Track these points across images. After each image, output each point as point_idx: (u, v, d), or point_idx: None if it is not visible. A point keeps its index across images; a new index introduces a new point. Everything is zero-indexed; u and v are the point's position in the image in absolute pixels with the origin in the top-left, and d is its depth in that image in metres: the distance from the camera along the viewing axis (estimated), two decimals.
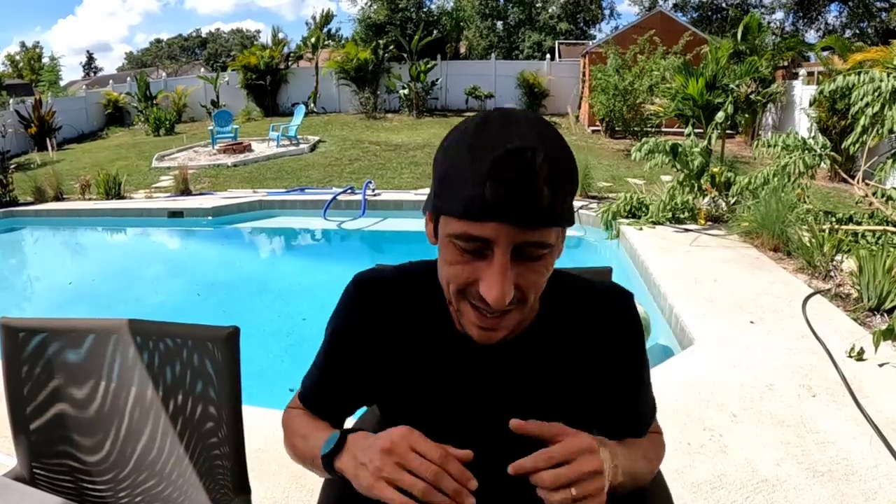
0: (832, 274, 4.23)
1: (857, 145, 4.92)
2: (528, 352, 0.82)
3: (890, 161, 4.77)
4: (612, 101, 12.48)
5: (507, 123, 0.66)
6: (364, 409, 1.17)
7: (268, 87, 19.21)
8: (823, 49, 11.00)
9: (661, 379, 2.83)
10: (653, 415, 0.93)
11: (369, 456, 0.68)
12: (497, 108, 0.72)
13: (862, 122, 4.69)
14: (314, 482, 2.26)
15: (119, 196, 8.67)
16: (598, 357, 0.84)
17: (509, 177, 0.62)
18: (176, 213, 7.69)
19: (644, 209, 5.98)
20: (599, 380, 0.84)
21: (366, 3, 24.09)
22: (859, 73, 4.79)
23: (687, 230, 5.59)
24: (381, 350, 0.86)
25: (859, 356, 2.98)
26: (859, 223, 4.91)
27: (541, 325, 0.83)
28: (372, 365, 0.87)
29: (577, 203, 6.93)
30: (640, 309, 3.51)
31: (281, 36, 20.71)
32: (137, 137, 16.43)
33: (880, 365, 2.91)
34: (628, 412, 0.89)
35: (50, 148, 13.41)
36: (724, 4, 26.56)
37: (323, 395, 0.92)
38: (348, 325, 0.89)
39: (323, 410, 0.92)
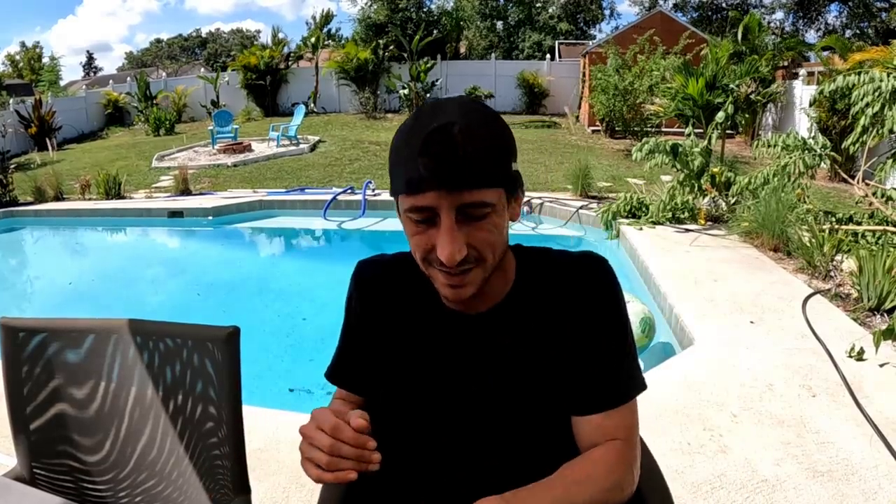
0: (832, 274, 4.22)
1: (857, 145, 4.92)
2: (506, 322, 0.87)
3: (890, 161, 4.77)
4: (612, 101, 12.47)
5: (435, 109, 0.76)
6: None
7: (268, 87, 19.22)
8: (823, 49, 11.01)
9: (661, 379, 2.83)
10: (633, 388, 0.88)
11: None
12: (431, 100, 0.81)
13: (862, 122, 4.69)
14: (314, 482, 2.26)
15: (119, 196, 8.66)
16: (576, 323, 0.86)
17: (436, 150, 0.72)
18: (176, 213, 7.69)
19: (644, 209, 5.98)
20: (578, 345, 0.86)
21: (366, 3, 24.10)
22: (859, 73, 4.79)
23: (687, 230, 5.59)
24: (378, 326, 0.96)
25: (859, 356, 2.98)
26: (859, 223, 4.90)
27: (518, 296, 0.89)
28: (374, 340, 0.96)
29: (576, 203, 6.94)
30: (643, 308, 3.54)
31: (281, 36, 20.72)
32: (137, 137, 16.43)
33: (880, 365, 2.91)
34: (602, 376, 0.86)
35: (50, 148, 13.41)
36: (724, 4, 26.56)
37: (341, 367, 1.02)
38: (352, 303, 1.00)
39: (345, 382, 1.01)
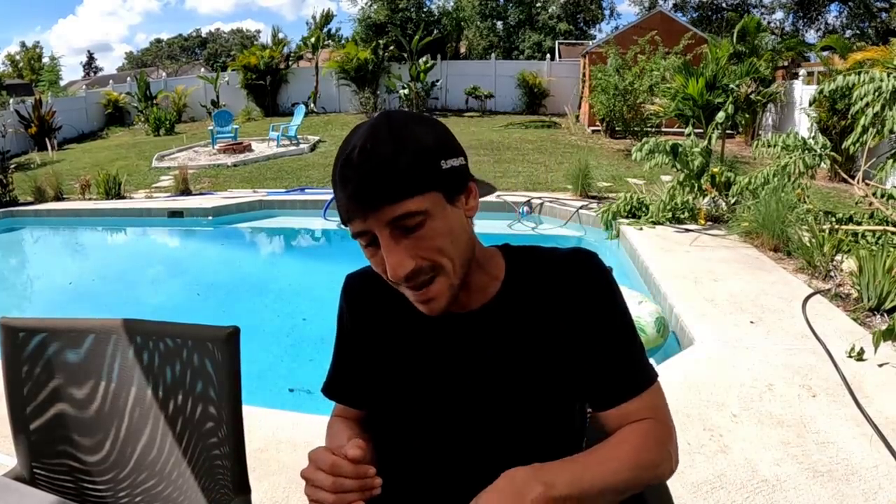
0: (832, 274, 4.22)
1: (857, 145, 4.92)
2: (498, 319, 0.87)
3: (890, 161, 4.76)
4: (612, 101, 12.47)
5: (349, 137, 0.78)
6: None
7: (268, 87, 19.22)
8: (823, 49, 11.00)
9: (662, 379, 2.80)
10: (650, 372, 0.88)
11: None
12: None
13: (862, 121, 4.69)
14: None
15: (119, 196, 8.67)
16: (573, 318, 0.85)
17: (346, 178, 0.75)
18: (176, 213, 7.69)
19: (644, 209, 5.98)
20: (576, 341, 0.85)
21: (366, 3, 24.10)
22: (859, 73, 4.79)
23: (687, 230, 5.59)
24: (371, 337, 0.95)
25: (859, 356, 2.98)
26: (859, 223, 4.90)
27: (509, 293, 0.88)
28: (368, 351, 0.95)
29: (576, 203, 6.93)
30: (657, 308, 3.55)
31: (281, 36, 20.72)
32: (137, 137, 16.43)
33: (880, 365, 2.91)
34: (610, 365, 0.85)
35: (50, 148, 13.41)
36: (724, 4, 26.56)
37: (338, 383, 1.02)
38: (343, 318, 1.00)
39: (342, 397, 1.01)
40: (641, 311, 3.48)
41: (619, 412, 0.85)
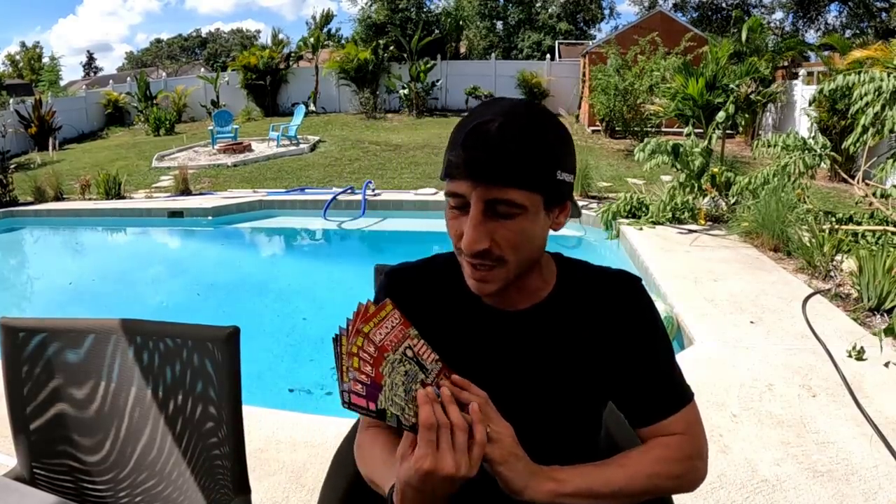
0: (832, 274, 4.22)
1: (857, 145, 4.92)
2: (545, 321, 0.90)
3: (890, 161, 4.76)
4: (612, 101, 12.48)
5: (489, 104, 0.80)
6: None
7: (268, 87, 19.20)
8: (823, 48, 11.00)
9: None
10: (687, 391, 0.94)
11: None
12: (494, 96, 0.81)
13: (862, 121, 4.69)
14: (314, 482, 2.26)
15: (119, 196, 8.67)
16: (615, 334, 0.90)
17: (472, 143, 0.76)
18: (176, 213, 7.69)
19: (644, 209, 5.98)
20: (617, 356, 0.90)
21: (366, 3, 24.08)
22: (859, 73, 4.79)
23: (687, 230, 5.59)
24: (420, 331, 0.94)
25: (859, 356, 2.98)
26: (859, 223, 4.90)
27: (558, 298, 0.92)
28: None
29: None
30: (665, 307, 3.53)
31: (281, 36, 20.72)
32: (137, 137, 16.42)
33: (880, 365, 2.91)
34: (650, 390, 0.92)
35: (52, 147, 13.41)
36: (724, 4, 26.56)
37: None
38: None
39: None
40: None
41: (655, 427, 0.91)
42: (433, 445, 0.70)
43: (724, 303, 3.78)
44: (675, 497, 1.01)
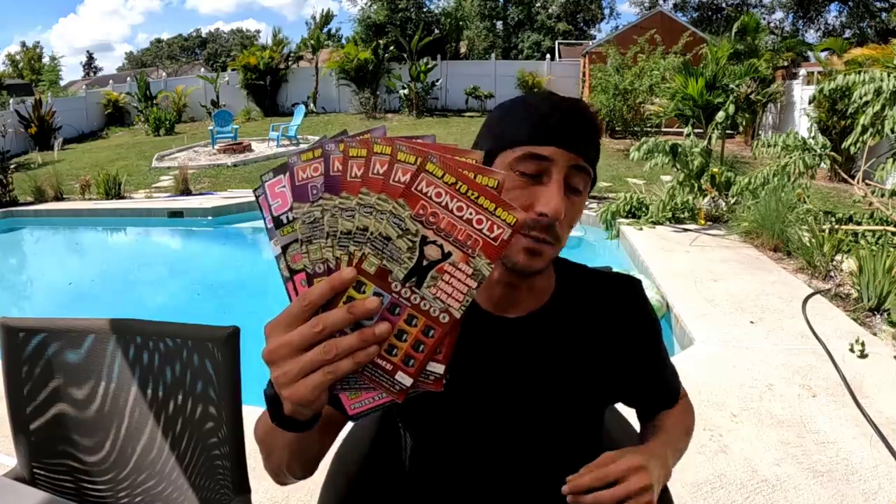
0: (832, 274, 4.23)
1: (857, 145, 4.92)
2: (546, 327, 0.89)
3: (890, 161, 4.77)
4: (612, 100, 12.48)
5: (550, 92, 0.83)
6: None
7: (268, 87, 19.22)
8: (823, 51, 11.00)
9: None
10: (679, 383, 1.02)
11: None
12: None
13: (862, 121, 4.69)
14: (314, 483, 2.25)
15: (119, 196, 8.67)
16: (615, 338, 0.91)
17: (566, 112, 0.77)
18: (176, 213, 7.69)
19: (644, 209, 5.98)
20: (620, 359, 0.91)
21: (366, 3, 24.11)
22: (859, 73, 4.79)
23: (687, 230, 5.59)
24: None
25: (862, 351, 2.98)
26: (859, 223, 4.91)
27: (558, 303, 0.91)
28: None
29: None
30: (654, 296, 3.51)
31: (281, 36, 20.71)
32: (137, 137, 16.42)
33: (880, 365, 2.91)
34: (659, 387, 0.99)
35: (55, 147, 13.42)
36: (723, 4, 26.57)
37: None
38: None
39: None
40: None
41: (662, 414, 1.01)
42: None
43: (724, 303, 3.78)
44: (674, 497, 1.01)
